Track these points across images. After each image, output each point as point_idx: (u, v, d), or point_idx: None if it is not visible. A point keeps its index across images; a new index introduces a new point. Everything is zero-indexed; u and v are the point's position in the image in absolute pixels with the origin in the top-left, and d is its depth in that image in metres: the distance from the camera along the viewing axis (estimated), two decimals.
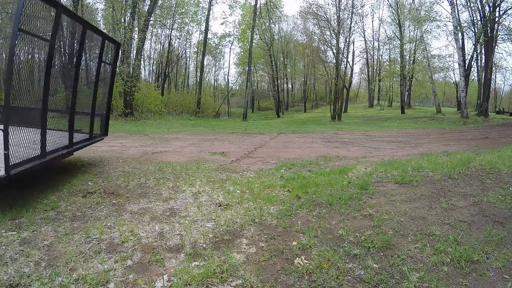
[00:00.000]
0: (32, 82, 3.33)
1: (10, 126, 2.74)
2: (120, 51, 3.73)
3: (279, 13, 33.62)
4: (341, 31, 26.23)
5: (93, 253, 2.30)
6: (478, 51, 25.28)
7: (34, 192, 3.52)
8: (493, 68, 26.50)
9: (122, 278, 2.04)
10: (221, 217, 3.07)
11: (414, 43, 31.51)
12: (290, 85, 45.12)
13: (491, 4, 21.25)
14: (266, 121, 26.46)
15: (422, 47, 27.65)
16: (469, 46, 27.65)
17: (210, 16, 28.50)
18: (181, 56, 34.45)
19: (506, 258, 2.39)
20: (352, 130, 15.28)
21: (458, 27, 22.06)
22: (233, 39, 35.36)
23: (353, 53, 34.97)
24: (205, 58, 29.57)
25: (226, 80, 39.87)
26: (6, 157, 2.68)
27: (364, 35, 36.92)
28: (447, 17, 25.91)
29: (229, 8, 45.38)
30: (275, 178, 4.66)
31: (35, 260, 2.16)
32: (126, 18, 21.51)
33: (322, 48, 29.49)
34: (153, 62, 34.30)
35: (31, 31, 3.03)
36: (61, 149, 3.85)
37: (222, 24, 48.75)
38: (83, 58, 4.01)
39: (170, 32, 30.26)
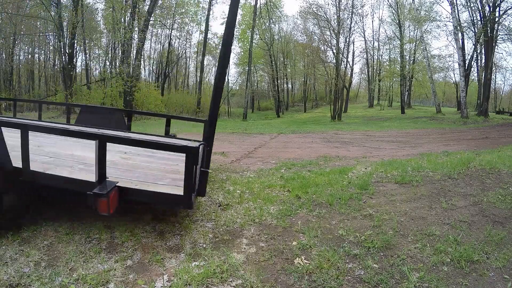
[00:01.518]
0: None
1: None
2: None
3: (279, 13, 33.66)
4: (341, 31, 26.25)
5: (93, 253, 2.29)
6: (478, 51, 25.27)
7: None
8: (493, 68, 26.49)
9: (122, 278, 2.04)
10: (221, 217, 3.07)
11: (414, 43, 31.48)
12: (290, 85, 45.10)
13: (491, 4, 21.24)
14: (266, 121, 26.45)
15: (422, 47, 27.64)
16: (469, 46, 27.66)
17: (210, 16, 28.58)
18: (181, 56, 34.45)
19: (506, 258, 2.39)
20: (352, 130, 15.27)
21: (458, 27, 22.06)
22: (233, 39, 35.33)
23: (353, 53, 34.93)
24: (205, 58, 29.60)
25: (226, 80, 39.86)
26: (205, 176, 2.32)
27: (364, 35, 36.91)
28: (447, 17, 25.90)
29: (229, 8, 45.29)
30: (275, 178, 4.66)
31: (35, 260, 2.16)
32: (126, 18, 21.51)
33: (322, 48, 29.51)
34: (153, 62, 34.30)
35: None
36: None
37: (222, 24, 48.68)
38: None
39: (170, 32, 30.27)
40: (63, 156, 3.10)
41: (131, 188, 2.29)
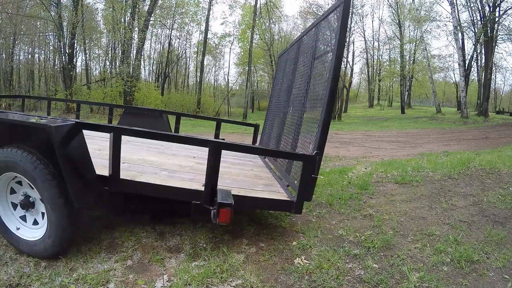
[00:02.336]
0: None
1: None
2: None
3: (279, 13, 33.57)
4: None
5: (93, 253, 2.29)
6: (478, 51, 25.27)
7: None
8: (493, 68, 26.49)
9: (122, 278, 2.04)
10: None
11: (414, 43, 31.48)
12: None
13: (491, 4, 21.25)
14: None
15: (422, 47, 27.64)
16: (469, 46, 27.68)
17: (210, 16, 28.45)
18: (181, 56, 34.45)
19: (506, 258, 2.39)
20: (352, 130, 15.27)
21: (458, 27, 22.06)
22: (233, 39, 35.31)
23: (353, 53, 34.84)
24: (205, 58, 29.55)
25: (226, 80, 39.88)
26: (314, 182, 2.36)
27: (364, 35, 36.87)
28: (447, 17, 25.90)
29: (229, 8, 45.30)
30: None
31: (35, 260, 2.16)
32: (126, 18, 21.51)
33: None
34: (153, 62, 34.31)
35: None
36: None
37: (222, 24, 48.79)
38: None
39: (170, 32, 30.24)
40: (135, 161, 2.87)
41: (245, 196, 2.29)
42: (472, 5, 23.25)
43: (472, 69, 25.32)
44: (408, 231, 2.85)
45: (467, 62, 23.66)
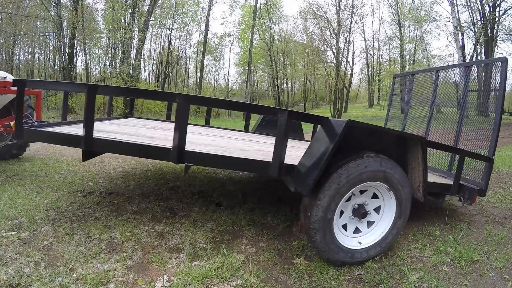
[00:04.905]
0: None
1: None
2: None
3: (279, 13, 33.63)
4: (341, 31, 26.31)
5: (93, 253, 2.30)
6: (478, 51, 25.24)
7: (34, 192, 3.52)
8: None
9: (122, 278, 2.04)
10: (221, 217, 3.07)
11: (414, 43, 31.47)
12: (290, 85, 45.06)
13: (491, 4, 21.25)
14: None
15: (422, 47, 27.63)
16: (469, 46, 27.69)
17: (210, 16, 28.58)
18: (181, 56, 34.45)
19: (506, 258, 2.39)
20: None
21: (458, 27, 22.03)
22: (233, 39, 35.39)
23: (353, 53, 34.93)
24: (205, 58, 29.58)
25: (226, 80, 39.91)
26: (489, 178, 3.06)
27: (364, 35, 36.99)
28: (447, 17, 25.92)
29: (229, 8, 45.49)
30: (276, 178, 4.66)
31: (35, 260, 2.16)
32: (126, 18, 21.51)
33: (322, 48, 29.52)
34: (153, 62, 34.32)
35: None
36: None
37: (222, 24, 48.89)
38: None
39: (170, 32, 30.27)
40: None
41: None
42: (472, 5, 23.24)
43: None
44: (408, 231, 2.85)
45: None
